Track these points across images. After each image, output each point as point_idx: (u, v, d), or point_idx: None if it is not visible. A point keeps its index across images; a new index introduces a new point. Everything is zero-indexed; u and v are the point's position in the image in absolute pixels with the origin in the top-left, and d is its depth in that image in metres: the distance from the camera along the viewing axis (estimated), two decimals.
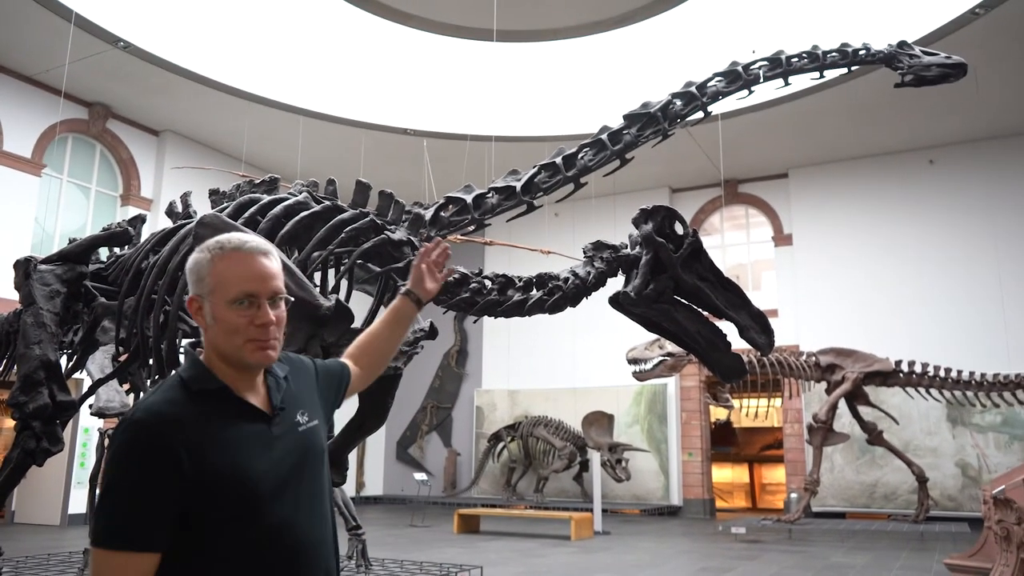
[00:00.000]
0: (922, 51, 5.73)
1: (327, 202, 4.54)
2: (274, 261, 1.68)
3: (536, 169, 4.87)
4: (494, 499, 18.80)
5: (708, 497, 18.17)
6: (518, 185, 4.79)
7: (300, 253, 4.26)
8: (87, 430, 14.09)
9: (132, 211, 14.92)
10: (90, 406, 7.51)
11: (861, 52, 5.65)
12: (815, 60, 5.59)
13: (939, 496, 15.13)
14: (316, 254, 4.27)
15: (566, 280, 4.45)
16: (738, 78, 5.40)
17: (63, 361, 5.31)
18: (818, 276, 17.81)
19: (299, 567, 1.60)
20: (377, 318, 2.29)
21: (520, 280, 4.53)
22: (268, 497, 1.56)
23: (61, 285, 4.99)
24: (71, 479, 14.34)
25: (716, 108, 5.61)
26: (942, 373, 13.29)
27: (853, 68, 5.82)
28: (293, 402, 1.74)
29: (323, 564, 1.67)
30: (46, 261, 5.10)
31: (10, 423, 8.17)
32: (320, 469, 1.73)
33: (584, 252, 4.58)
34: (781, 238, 18.67)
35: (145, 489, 1.46)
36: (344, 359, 2.12)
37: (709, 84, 5.35)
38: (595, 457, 15.64)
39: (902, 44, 5.77)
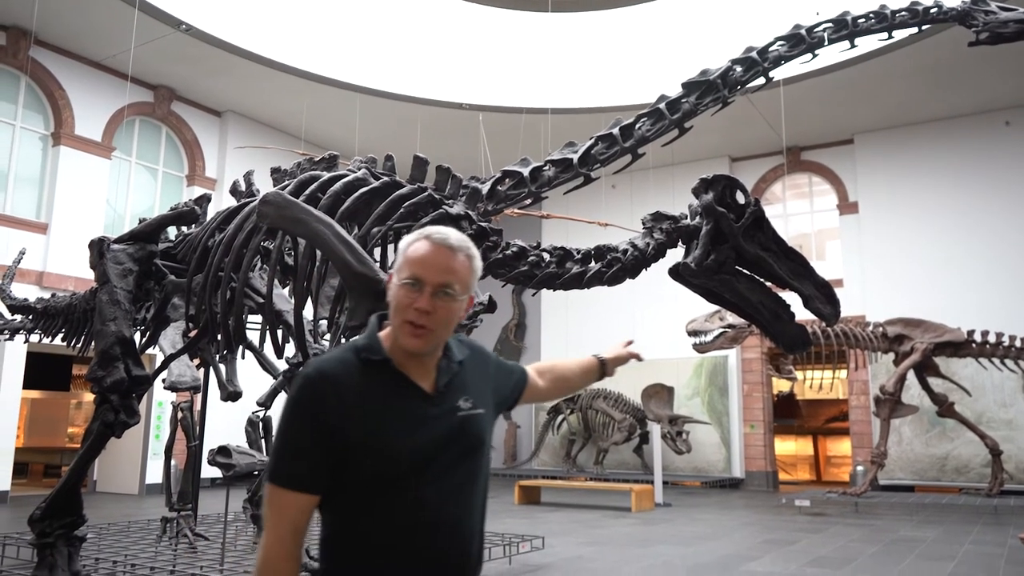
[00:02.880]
0: (998, 6, 5.46)
1: (385, 178, 4.57)
2: (459, 257, 1.72)
3: (593, 141, 4.83)
4: (554, 471, 18.92)
5: (771, 470, 17.96)
6: (575, 157, 4.75)
7: (360, 229, 4.32)
8: (161, 403, 14.63)
9: (198, 191, 15.31)
10: (163, 380, 7.78)
11: (932, 10, 5.42)
12: (883, 20, 5.38)
13: (1014, 469, 14.66)
14: (376, 230, 4.32)
15: (625, 252, 4.41)
16: (801, 41, 5.23)
17: (137, 337, 5.50)
18: (885, 244, 17.30)
19: (432, 546, 1.64)
20: (574, 361, 2.41)
21: (578, 252, 4.51)
22: (409, 472, 1.62)
23: (133, 264, 5.15)
24: (147, 450, 14.93)
25: (778, 73, 5.46)
26: (1018, 343, 12.83)
27: (924, 27, 5.59)
28: (460, 387, 1.77)
29: (460, 548, 1.69)
30: (118, 241, 5.27)
31: (90, 397, 8.51)
32: (476, 457, 1.75)
33: (643, 223, 4.53)
34: (846, 206, 18.16)
35: (299, 438, 1.62)
36: (530, 368, 2.19)
37: (771, 49, 5.20)
38: (655, 429, 15.59)
39: (976, 0, 5.51)
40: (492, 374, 1.92)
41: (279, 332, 4.75)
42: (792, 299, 4.27)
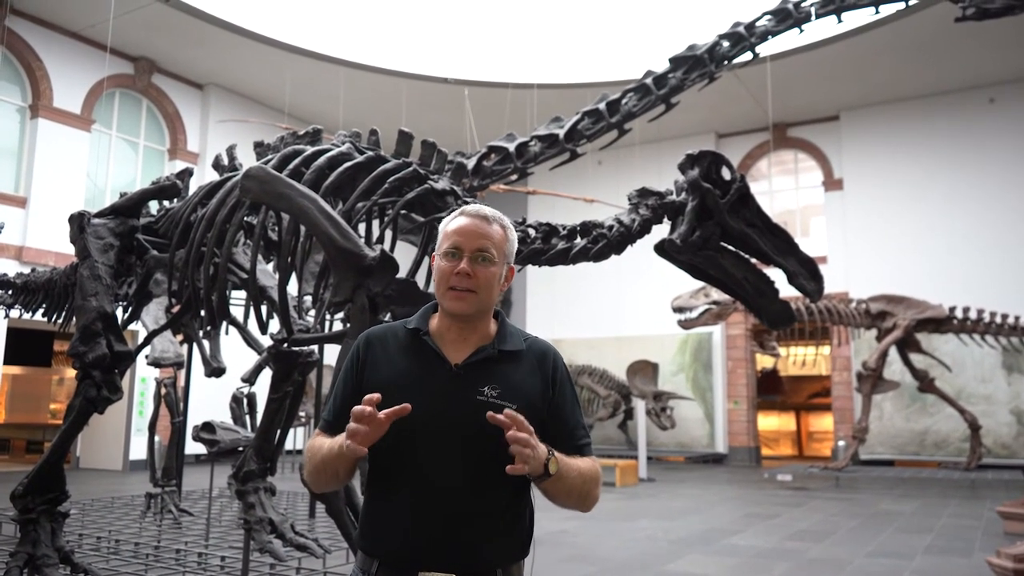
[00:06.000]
0: None
1: (370, 152, 4.52)
2: (493, 226, 1.84)
3: (579, 116, 4.80)
4: None
5: (754, 445, 18.15)
6: (561, 132, 4.72)
7: (344, 204, 4.28)
8: (144, 379, 14.55)
9: (180, 165, 15.14)
10: (146, 356, 7.73)
11: None
12: None
13: (992, 444, 14.89)
14: (360, 205, 4.28)
15: (610, 228, 4.40)
16: (788, 16, 5.21)
17: (119, 312, 5.44)
18: (869, 221, 17.39)
19: (421, 508, 1.70)
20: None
21: (564, 228, 4.50)
22: (408, 430, 1.68)
23: (114, 238, 5.08)
24: (131, 427, 14.87)
25: (765, 49, 5.44)
26: (998, 319, 12.98)
27: (911, 2, 5.58)
28: (492, 375, 1.77)
29: (449, 520, 1.68)
30: (99, 215, 5.19)
31: (72, 373, 8.45)
32: (496, 444, 1.63)
33: (629, 199, 4.52)
34: (831, 183, 18.22)
35: (339, 389, 1.86)
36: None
37: (758, 23, 5.18)
38: (640, 405, 15.69)
39: None
40: (551, 383, 1.83)
41: (263, 308, 4.72)
42: (776, 275, 4.28)
